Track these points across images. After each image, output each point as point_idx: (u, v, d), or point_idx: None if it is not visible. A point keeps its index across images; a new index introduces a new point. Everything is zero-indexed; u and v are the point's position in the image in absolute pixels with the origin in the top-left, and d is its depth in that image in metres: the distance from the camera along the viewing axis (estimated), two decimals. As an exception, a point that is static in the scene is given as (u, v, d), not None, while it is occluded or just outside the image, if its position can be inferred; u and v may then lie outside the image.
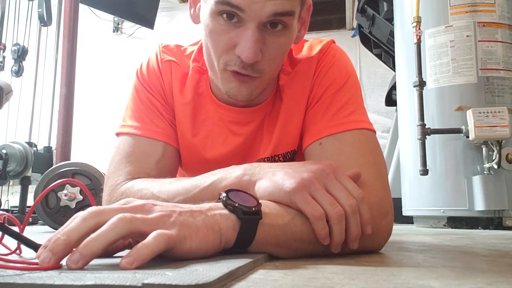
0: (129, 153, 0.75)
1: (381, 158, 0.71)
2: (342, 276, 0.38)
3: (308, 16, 0.75)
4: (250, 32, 0.63)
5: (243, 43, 0.64)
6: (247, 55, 0.64)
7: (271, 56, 0.67)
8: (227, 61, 0.68)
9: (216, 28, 0.66)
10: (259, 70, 0.68)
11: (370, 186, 0.62)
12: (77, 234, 0.39)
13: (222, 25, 0.65)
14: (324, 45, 0.80)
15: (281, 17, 0.64)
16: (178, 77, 0.81)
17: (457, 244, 0.87)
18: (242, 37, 0.64)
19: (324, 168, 0.54)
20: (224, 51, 0.67)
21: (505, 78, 1.84)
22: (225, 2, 0.62)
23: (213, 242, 0.45)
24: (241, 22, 0.64)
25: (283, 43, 0.68)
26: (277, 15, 0.63)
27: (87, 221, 0.40)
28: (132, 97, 0.82)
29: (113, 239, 0.39)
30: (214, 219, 0.46)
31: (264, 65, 0.68)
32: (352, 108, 0.73)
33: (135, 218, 0.41)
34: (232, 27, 0.65)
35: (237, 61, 0.66)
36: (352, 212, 0.51)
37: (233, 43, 0.65)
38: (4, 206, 2.56)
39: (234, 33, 0.65)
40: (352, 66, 0.80)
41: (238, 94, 0.70)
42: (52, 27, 2.72)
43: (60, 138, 2.36)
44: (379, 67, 3.90)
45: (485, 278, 0.39)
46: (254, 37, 0.63)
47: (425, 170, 1.80)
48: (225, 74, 0.70)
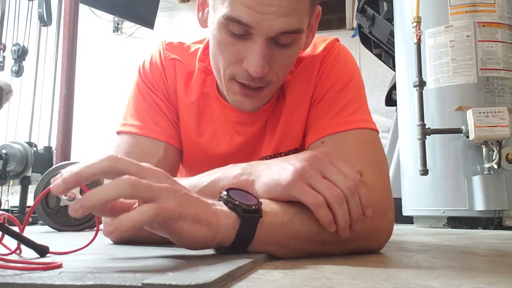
0: (129, 152, 0.74)
1: (383, 158, 0.71)
2: (342, 276, 0.38)
3: (317, 22, 0.75)
4: (258, 47, 0.63)
5: (251, 57, 0.64)
6: (255, 69, 0.64)
7: (279, 67, 0.68)
8: (235, 73, 0.68)
9: (224, 40, 0.66)
10: (267, 81, 0.68)
11: (372, 185, 0.62)
12: (89, 171, 0.42)
13: (231, 37, 0.65)
14: (328, 44, 0.80)
15: (289, 34, 0.64)
16: (183, 76, 0.80)
17: (457, 244, 0.87)
18: (249, 51, 0.64)
19: (318, 154, 0.54)
20: (231, 63, 0.67)
21: (505, 78, 1.84)
22: (234, 19, 0.62)
23: (205, 234, 0.45)
24: (249, 35, 0.64)
25: (291, 55, 0.68)
26: (285, 33, 0.63)
27: (102, 163, 0.43)
28: (134, 94, 0.81)
29: (112, 197, 0.40)
30: (215, 213, 0.46)
31: (272, 76, 0.68)
32: (356, 107, 0.73)
33: (140, 183, 0.41)
34: (241, 40, 0.65)
35: (245, 74, 0.66)
36: (351, 194, 0.51)
37: (241, 56, 0.65)
38: (4, 206, 2.56)
39: (242, 45, 0.65)
40: (356, 65, 0.80)
41: (242, 106, 0.72)
42: (52, 27, 2.71)
43: (60, 138, 2.35)
44: (379, 67, 3.90)
45: (485, 278, 0.39)
46: (262, 51, 0.63)
47: (425, 170, 1.80)
48: (231, 84, 0.70)
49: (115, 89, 4.24)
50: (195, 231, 0.44)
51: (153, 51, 0.83)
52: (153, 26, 3.68)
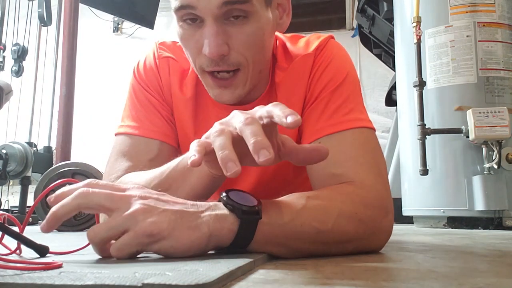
0: (124, 152, 0.75)
1: (381, 157, 0.70)
2: (342, 276, 0.38)
3: (288, 1, 0.75)
4: (208, 28, 0.64)
5: (205, 40, 0.65)
6: (210, 50, 0.64)
7: (241, 46, 0.67)
8: (201, 64, 0.69)
9: (184, 34, 0.68)
10: (234, 63, 0.68)
11: (371, 185, 0.62)
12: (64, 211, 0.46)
13: (187, 29, 0.67)
14: (322, 41, 0.78)
15: (234, 5, 0.64)
16: (177, 73, 0.81)
17: (457, 244, 0.87)
18: (204, 36, 0.65)
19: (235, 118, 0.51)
20: (195, 55, 0.69)
21: (505, 78, 1.84)
22: (179, 6, 0.65)
23: (190, 245, 0.45)
24: (202, 21, 0.65)
25: (250, 32, 0.67)
26: (228, 3, 0.63)
27: (74, 201, 0.46)
28: (129, 96, 0.82)
29: (71, 210, 0.46)
30: (206, 221, 0.46)
31: (238, 57, 0.67)
32: (351, 106, 0.72)
33: (95, 193, 0.46)
34: (197, 29, 0.66)
35: (208, 61, 0.67)
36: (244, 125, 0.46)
37: (200, 45, 0.67)
38: (4, 206, 2.56)
39: (199, 34, 0.66)
40: (351, 63, 0.78)
41: (222, 99, 0.72)
42: (52, 27, 2.71)
43: (60, 138, 2.35)
44: (379, 67, 3.89)
45: (485, 278, 0.39)
46: (213, 31, 0.64)
47: (425, 170, 1.79)
48: (205, 77, 0.71)
49: (115, 89, 4.23)
50: (177, 245, 0.45)
51: (147, 52, 0.84)
52: (153, 26, 3.68)
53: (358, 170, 0.64)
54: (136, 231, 0.44)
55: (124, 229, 0.45)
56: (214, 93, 0.72)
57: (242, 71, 0.69)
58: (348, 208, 0.56)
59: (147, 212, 0.45)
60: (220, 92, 0.71)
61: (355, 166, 0.64)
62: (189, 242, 0.45)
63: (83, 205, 0.46)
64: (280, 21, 0.74)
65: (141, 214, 0.45)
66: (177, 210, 0.47)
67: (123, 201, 0.47)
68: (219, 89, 0.70)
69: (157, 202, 0.47)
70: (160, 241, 0.45)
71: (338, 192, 0.59)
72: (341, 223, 0.55)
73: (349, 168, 0.64)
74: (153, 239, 0.44)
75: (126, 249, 0.44)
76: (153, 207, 0.46)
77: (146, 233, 0.44)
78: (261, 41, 0.70)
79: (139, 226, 0.44)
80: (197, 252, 0.46)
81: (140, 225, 0.44)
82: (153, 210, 0.46)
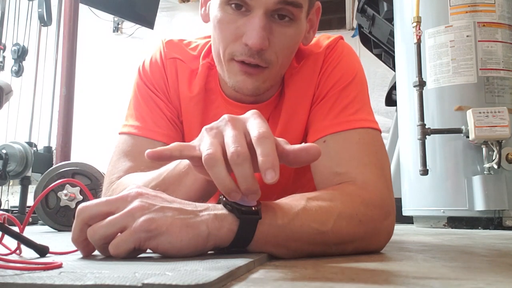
0: (126, 152, 0.75)
1: (385, 158, 0.70)
2: (342, 276, 0.38)
3: (317, 19, 0.76)
4: (257, 19, 0.64)
5: (250, 30, 0.65)
6: (254, 40, 0.64)
7: (278, 46, 0.68)
8: (234, 51, 0.68)
9: (225, 18, 0.67)
10: (267, 60, 0.68)
11: (373, 186, 0.62)
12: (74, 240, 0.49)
13: (231, 14, 0.67)
14: (332, 41, 0.79)
15: (288, 5, 0.65)
16: (185, 74, 0.80)
17: (457, 244, 0.87)
18: (248, 24, 0.65)
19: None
20: (231, 41, 0.68)
21: (505, 78, 1.84)
22: None
23: (188, 243, 0.45)
24: (249, 11, 0.65)
25: (290, 35, 0.68)
26: (283, 2, 0.64)
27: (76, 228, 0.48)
28: (134, 95, 0.81)
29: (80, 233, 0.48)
30: (204, 220, 0.46)
31: (272, 56, 0.68)
32: (358, 106, 0.72)
33: (92, 205, 0.47)
34: (240, 16, 0.66)
35: (244, 50, 0.67)
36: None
37: (241, 32, 0.66)
38: (4, 206, 2.56)
39: (242, 22, 0.66)
40: (360, 64, 0.79)
41: (244, 87, 0.70)
42: (52, 27, 2.71)
43: (60, 138, 2.35)
44: (379, 67, 3.89)
45: (485, 278, 0.39)
46: (261, 23, 0.64)
47: (425, 170, 1.80)
48: (231, 65, 0.70)
49: (115, 89, 4.24)
50: (175, 241, 0.45)
51: (154, 50, 0.83)
52: (153, 26, 3.68)
53: (361, 170, 0.64)
54: (133, 227, 0.44)
55: (122, 226, 0.45)
56: (237, 79, 0.70)
57: (269, 69, 0.70)
58: (348, 209, 0.56)
59: (144, 209, 0.45)
60: (244, 79, 0.69)
61: (359, 165, 0.64)
62: (187, 239, 0.45)
63: (86, 220, 0.47)
64: (307, 35, 0.75)
65: (139, 211, 0.45)
66: (175, 207, 0.47)
67: (121, 201, 0.47)
68: (243, 76, 0.69)
69: (155, 200, 0.47)
70: (158, 237, 0.44)
71: (339, 193, 0.59)
72: (341, 224, 0.54)
73: (353, 168, 0.64)
74: (150, 235, 0.44)
75: (123, 245, 0.44)
76: (151, 204, 0.46)
77: (143, 228, 0.44)
78: (295, 46, 0.72)
79: (137, 222, 0.44)
80: (196, 251, 0.46)
81: (137, 221, 0.44)
82: (151, 207, 0.46)
